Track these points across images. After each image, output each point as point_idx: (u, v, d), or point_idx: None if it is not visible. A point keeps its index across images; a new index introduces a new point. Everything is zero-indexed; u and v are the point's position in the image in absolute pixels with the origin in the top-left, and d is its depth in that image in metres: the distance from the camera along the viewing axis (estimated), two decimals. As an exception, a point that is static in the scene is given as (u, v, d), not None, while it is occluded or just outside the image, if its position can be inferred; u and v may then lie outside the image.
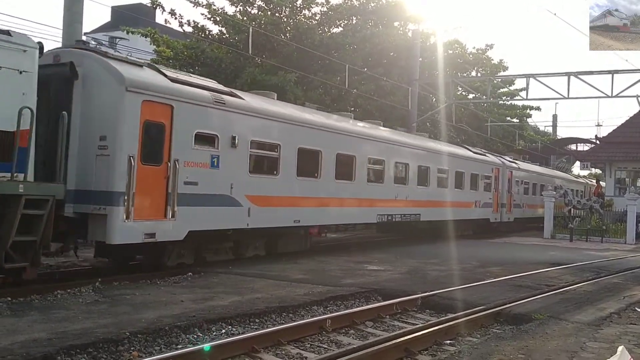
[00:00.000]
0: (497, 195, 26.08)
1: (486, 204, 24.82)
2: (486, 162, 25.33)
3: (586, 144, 46.96)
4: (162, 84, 10.77)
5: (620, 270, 14.36)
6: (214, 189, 11.64)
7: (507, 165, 27.51)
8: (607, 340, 6.98)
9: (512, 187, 27.68)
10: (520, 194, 29.07)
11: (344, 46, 24.22)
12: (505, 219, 27.02)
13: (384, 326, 8.33)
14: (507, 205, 27.23)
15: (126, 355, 6.27)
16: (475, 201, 23.80)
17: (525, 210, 29.76)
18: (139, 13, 31.01)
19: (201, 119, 11.33)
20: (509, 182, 27.30)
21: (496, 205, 25.97)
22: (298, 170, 13.92)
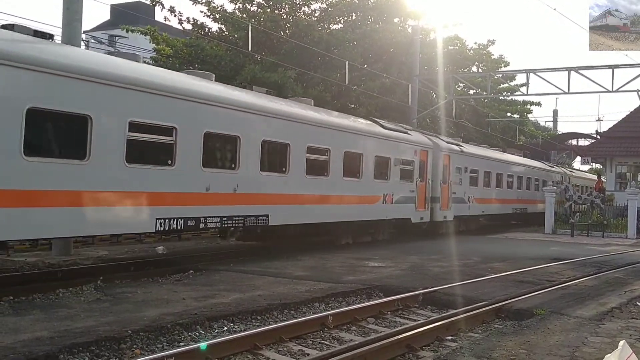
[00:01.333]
0: (424, 187, 19.82)
1: (405, 198, 18.65)
2: (404, 141, 18.70)
3: (587, 139, 46.96)
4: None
5: (622, 265, 14.36)
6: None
7: (443, 148, 21.17)
8: (609, 335, 6.99)
9: (450, 176, 21.55)
10: (465, 185, 22.93)
11: (344, 43, 24.20)
12: (439, 218, 20.90)
13: (386, 322, 8.34)
14: (442, 199, 21.07)
15: (128, 353, 6.28)
16: (385, 195, 17.43)
17: (475, 205, 23.79)
18: (138, 11, 30.98)
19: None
20: (444, 169, 21.19)
21: (422, 200, 19.62)
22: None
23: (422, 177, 19.69)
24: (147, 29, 23.00)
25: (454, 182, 21.86)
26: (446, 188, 21.39)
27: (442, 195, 21.08)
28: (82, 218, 9.32)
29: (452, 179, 21.71)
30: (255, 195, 12.72)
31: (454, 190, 21.88)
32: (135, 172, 10.03)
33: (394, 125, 19.12)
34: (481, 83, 30.86)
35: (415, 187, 19.13)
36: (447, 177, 21.42)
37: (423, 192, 19.77)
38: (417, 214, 19.48)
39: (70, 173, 9.06)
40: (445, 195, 21.34)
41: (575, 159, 55.00)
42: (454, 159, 21.99)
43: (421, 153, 19.68)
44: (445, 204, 21.40)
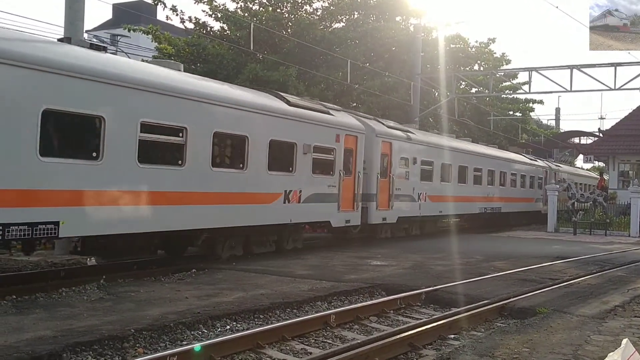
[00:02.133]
0: (352, 182, 15.74)
1: (322, 196, 14.61)
2: (320, 123, 14.53)
3: (589, 137, 46.83)
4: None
5: (624, 263, 14.34)
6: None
7: (381, 133, 17.20)
8: (612, 333, 6.98)
9: (391, 168, 17.71)
10: (415, 179, 19.08)
11: (346, 41, 24.19)
12: (375, 220, 16.99)
13: (388, 321, 8.34)
14: (380, 197, 17.13)
15: (131, 351, 6.29)
16: (288, 192, 13.47)
17: (428, 204, 19.94)
18: (140, 10, 31.00)
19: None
20: (384, 160, 17.38)
21: (348, 198, 15.60)
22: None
23: (349, 169, 15.55)
24: (149, 28, 23.03)
25: (398, 176, 17.94)
26: (386, 183, 17.40)
27: (380, 192, 17.01)
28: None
29: (395, 172, 17.77)
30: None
31: (399, 185, 18.00)
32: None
33: (309, 103, 14.99)
34: (483, 81, 30.82)
35: (337, 181, 14.99)
36: (387, 169, 17.48)
37: (350, 189, 15.57)
38: (340, 216, 15.25)
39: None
40: (385, 192, 17.35)
41: (577, 157, 54.85)
42: (398, 147, 18.01)
43: (347, 139, 15.38)
44: (385, 203, 17.41)
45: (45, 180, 8.67)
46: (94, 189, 9.33)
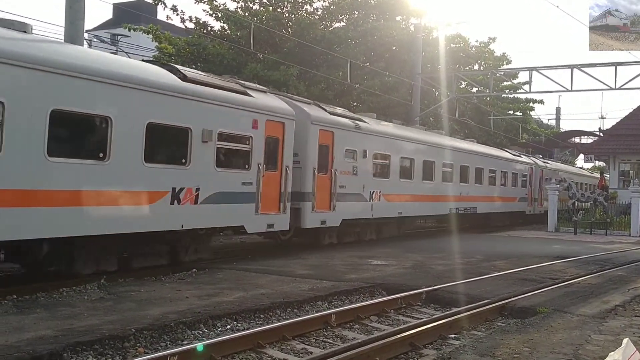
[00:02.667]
0: (278, 178, 13.14)
1: (232, 195, 11.88)
2: (230, 104, 11.77)
3: (590, 136, 46.83)
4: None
5: (625, 262, 14.34)
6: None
7: (318, 120, 14.52)
8: (612, 332, 6.98)
9: (334, 162, 15.01)
10: (365, 176, 16.37)
11: (346, 41, 24.19)
12: (311, 223, 14.29)
13: (389, 321, 8.34)
14: (318, 196, 14.41)
15: (132, 351, 6.29)
16: (179, 190, 10.67)
17: (384, 204, 17.30)
18: (140, 10, 31.01)
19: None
20: (323, 152, 14.69)
21: (271, 198, 12.89)
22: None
23: (274, 162, 12.89)
24: (150, 28, 23.03)
25: (342, 172, 15.24)
26: (326, 180, 14.71)
27: (318, 190, 14.28)
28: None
29: (338, 167, 15.08)
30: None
31: (344, 182, 15.33)
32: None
33: (215, 79, 12.13)
34: (483, 81, 30.83)
35: (255, 177, 12.24)
36: (328, 163, 14.80)
37: (275, 186, 12.90)
38: (259, 220, 12.49)
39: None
40: (325, 190, 14.63)
41: (578, 156, 54.84)
42: (343, 137, 15.30)
43: (270, 125, 12.68)
44: (325, 203, 14.68)
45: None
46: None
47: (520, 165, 28.96)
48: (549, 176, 31.65)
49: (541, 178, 31.07)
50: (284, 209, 13.24)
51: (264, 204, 12.61)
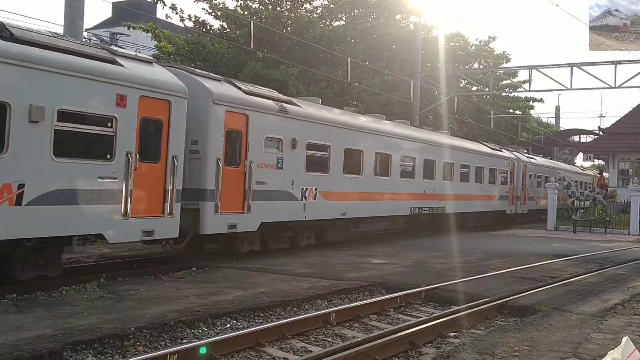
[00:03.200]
0: (164, 172, 10.51)
1: (88, 195, 9.24)
2: (82, 74, 9.05)
3: (589, 135, 46.83)
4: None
5: (624, 261, 14.35)
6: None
7: (225, 99, 11.93)
8: (612, 331, 6.98)
9: (250, 152, 12.43)
10: (295, 170, 13.78)
11: (346, 39, 24.18)
12: (215, 228, 11.69)
13: (388, 319, 8.34)
14: (225, 195, 11.80)
15: (132, 350, 6.30)
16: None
17: (323, 204, 14.67)
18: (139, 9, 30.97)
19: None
20: (234, 140, 12.19)
21: (151, 197, 10.27)
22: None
23: (155, 151, 10.31)
24: (149, 26, 23.02)
25: (262, 164, 12.65)
26: (237, 174, 12.08)
27: (225, 186, 11.70)
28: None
29: (255, 159, 12.46)
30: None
31: (264, 178, 12.69)
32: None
33: (64, 43, 9.26)
34: (483, 80, 30.83)
35: (122, 170, 9.60)
36: (240, 153, 12.17)
37: (156, 181, 10.33)
38: (128, 226, 9.76)
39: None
40: (236, 186, 12.03)
41: (577, 155, 54.86)
42: (262, 122, 12.65)
43: (147, 103, 10.03)
44: (236, 203, 12.01)
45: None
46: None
47: (500, 161, 26.22)
48: (533, 172, 30.08)
49: (524, 174, 28.88)
50: (171, 211, 10.40)
51: (136, 205, 9.83)
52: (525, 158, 29.88)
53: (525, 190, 28.92)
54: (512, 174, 27.42)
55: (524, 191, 28.90)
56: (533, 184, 30.46)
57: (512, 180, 27.34)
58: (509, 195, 27.16)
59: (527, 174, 29.17)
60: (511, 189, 27.34)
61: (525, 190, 28.92)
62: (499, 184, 25.97)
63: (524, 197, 28.91)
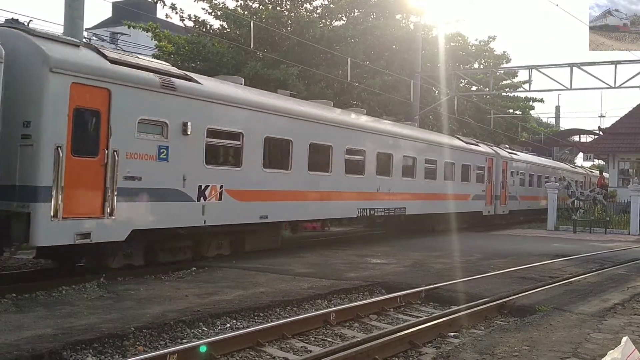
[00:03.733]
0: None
1: None
2: None
3: (589, 135, 46.83)
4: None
5: (624, 261, 14.34)
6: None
7: (64, 64, 9.03)
8: (612, 331, 6.98)
9: (113, 138, 9.69)
10: (195, 162, 11.29)
11: (346, 39, 24.19)
12: (49, 239, 8.84)
13: (388, 319, 8.34)
14: (69, 193, 8.96)
15: (131, 349, 6.29)
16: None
17: (232, 205, 12.10)
18: (140, 8, 30.99)
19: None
20: (85, 119, 9.43)
21: None
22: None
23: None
24: (149, 26, 23.01)
25: (134, 155, 9.98)
26: (93, 166, 9.38)
27: (70, 182, 8.95)
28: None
29: (124, 147, 9.78)
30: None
31: (136, 171, 10.00)
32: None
33: None
34: (483, 79, 30.83)
35: None
36: (98, 139, 9.47)
37: None
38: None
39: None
40: (90, 183, 9.34)
41: (577, 155, 54.88)
42: (135, 101, 10.07)
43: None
44: (90, 204, 9.30)
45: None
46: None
47: (474, 156, 23.53)
48: (516, 169, 27.76)
49: (505, 171, 26.34)
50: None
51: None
52: (505, 153, 27.37)
53: (505, 188, 26.47)
54: (490, 171, 24.95)
55: (505, 190, 26.40)
56: (515, 182, 27.99)
57: (490, 177, 24.83)
58: (487, 195, 24.61)
59: (507, 171, 26.72)
60: (489, 188, 24.83)
61: (505, 188, 26.47)
62: (474, 181, 23.43)
63: (505, 197, 26.46)
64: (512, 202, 27.50)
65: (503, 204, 26.40)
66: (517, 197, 28.12)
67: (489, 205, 25.00)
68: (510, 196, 27.26)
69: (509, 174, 26.99)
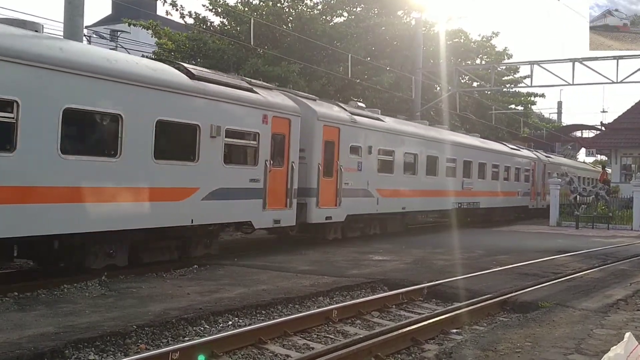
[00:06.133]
0: None
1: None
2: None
3: (592, 130, 46.76)
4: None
5: (627, 256, 14.31)
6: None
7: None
8: (614, 327, 6.96)
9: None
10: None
11: (347, 36, 24.13)
12: None
13: (390, 316, 8.33)
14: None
15: (134, 347, 6.29)
16: None
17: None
18: (140, 5, 30.97)
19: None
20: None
21: None
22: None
23: None
24: (150, 23, 22.97)
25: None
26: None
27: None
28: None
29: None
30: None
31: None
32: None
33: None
34: (485, 75, 30.75)
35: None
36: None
37: None
38: None
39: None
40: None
41: (580, 150, 54.82)
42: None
43: None
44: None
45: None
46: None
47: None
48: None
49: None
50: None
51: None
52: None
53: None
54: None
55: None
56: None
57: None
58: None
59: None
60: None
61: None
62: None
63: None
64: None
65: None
66: None
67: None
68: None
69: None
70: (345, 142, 15.25)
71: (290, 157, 13.33)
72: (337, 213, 15.12)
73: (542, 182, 30.55)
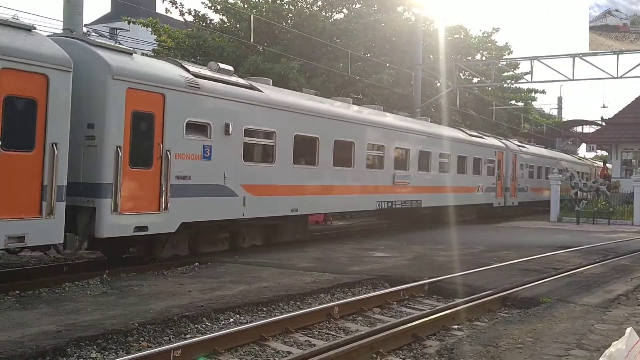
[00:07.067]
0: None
1: None
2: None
3: (592, 125, 46.73)
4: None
5: (628, 252, 14.32)
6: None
7: None
8: (615, 322, 6.97)
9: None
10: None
11: (347, 33, 24.10)
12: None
13: (392, 312, 8.34)
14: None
15: (135, 345, 6.30)
16: None
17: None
18: (139, 3, 30.91)
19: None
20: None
21: None
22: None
23: None
24: (149, 21, 22.94)
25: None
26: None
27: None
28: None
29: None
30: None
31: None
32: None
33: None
34: (485, 71, 30.70)
35: None
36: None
37: None
38: None
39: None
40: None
41: (580, 146, 54.78)
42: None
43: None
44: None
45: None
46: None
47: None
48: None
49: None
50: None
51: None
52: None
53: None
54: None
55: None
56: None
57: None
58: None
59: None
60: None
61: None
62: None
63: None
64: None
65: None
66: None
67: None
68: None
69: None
70: (176, 115, 10.59)
71: (49, 135, 8.49)
72: (160, 221, 10.33)
73: (513, 175, 26.50)
